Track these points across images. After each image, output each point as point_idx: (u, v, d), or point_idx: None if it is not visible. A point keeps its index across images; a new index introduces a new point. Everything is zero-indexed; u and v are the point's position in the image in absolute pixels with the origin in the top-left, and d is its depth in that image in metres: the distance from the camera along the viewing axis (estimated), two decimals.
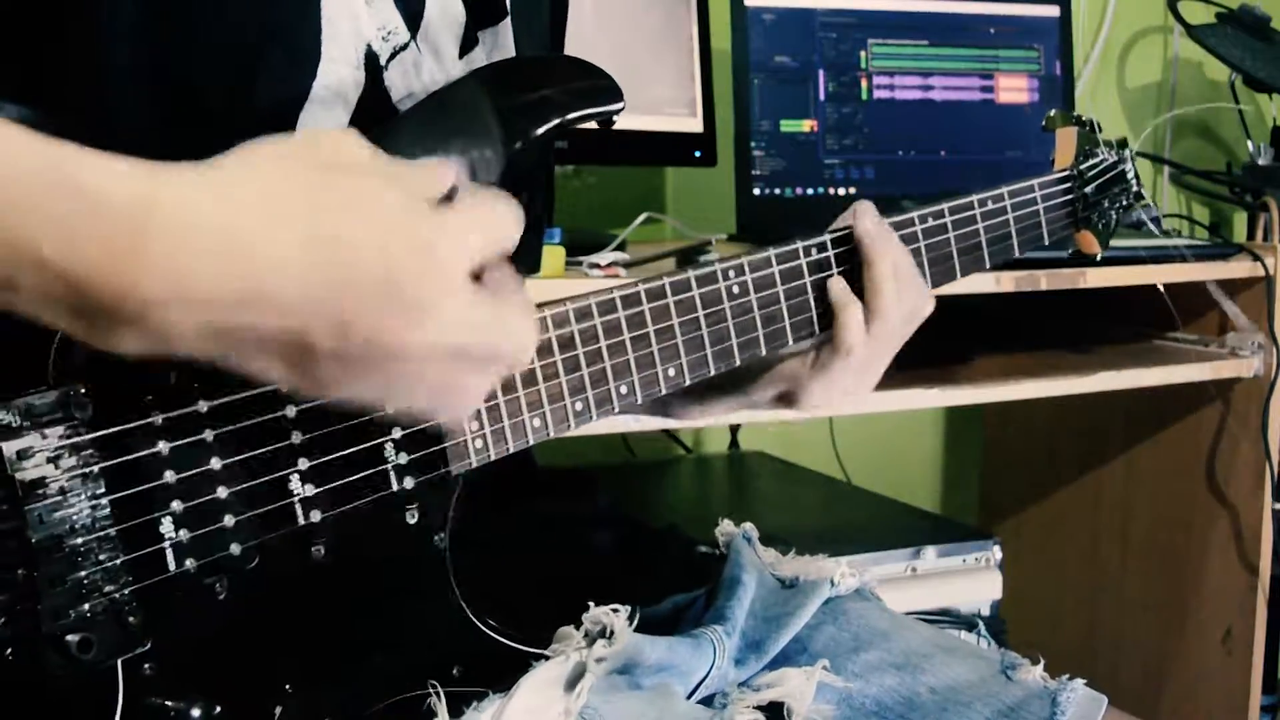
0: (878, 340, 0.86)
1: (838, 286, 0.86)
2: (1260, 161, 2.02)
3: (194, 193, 0.54)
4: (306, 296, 0.55)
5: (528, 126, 0.75)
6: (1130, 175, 1.06)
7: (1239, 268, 1.64)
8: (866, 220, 0.86)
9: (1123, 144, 1.07)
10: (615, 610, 0.77)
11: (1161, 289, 1.61)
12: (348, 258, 0.55)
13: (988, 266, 0.95)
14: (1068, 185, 1.01)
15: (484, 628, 0.74)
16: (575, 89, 0.78)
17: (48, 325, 0.54)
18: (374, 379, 0.58)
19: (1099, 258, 1.05)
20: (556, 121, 0.76)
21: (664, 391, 0.79)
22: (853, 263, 0.86)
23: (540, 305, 0.74)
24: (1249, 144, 2.06)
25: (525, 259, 0.95)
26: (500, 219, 0.61)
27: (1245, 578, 1.74)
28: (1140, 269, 1.56)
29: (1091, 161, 1.04)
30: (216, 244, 0.54)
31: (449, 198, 0.60)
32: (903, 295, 0.86)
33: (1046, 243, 1.01)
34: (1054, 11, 1.88)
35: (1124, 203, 1.06)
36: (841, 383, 0.88)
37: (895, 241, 0.87)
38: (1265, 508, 1.70)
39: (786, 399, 0.90)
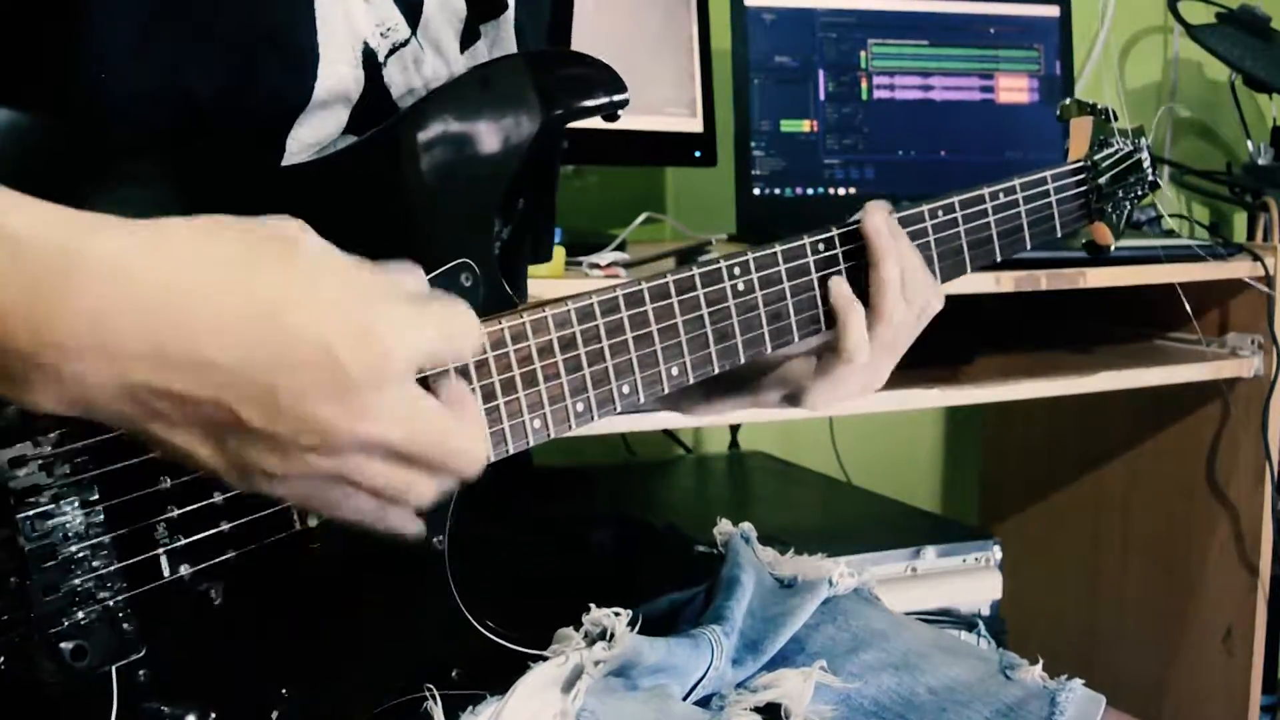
0: (883, 342, 0.85)
1: (840, 289, 0.85)
2: (1260, 161, 2.02)
3: (128, 245, 0.53)
4: (239, 364, 0.54)
5: (568, 100, 0.76)
6: (1146, 164, 1.04)
7: (1239, 268, 1.64)
8: (876, 217, 0.85)
9: (1139, 132, 1.05)
10: (617, 614, 0.77)
11: (1179, 289, 1.61)
12: (286, 331, 0.54)
13: (998, 260, 0.94)
14: (1082, 176, 1.00)
15: (482, 629, 0.74)
16: (601, 79, 0.79)
17: None
18: (305, 472, 0.57)
19: (1112, 249, 1.04)
20: (607, 100, 0.77)
21: (666, 391, 0.79)
22: (859, 260, 0.85)
23: (542, 304, 0.74)
24: (1249, 144, 2.06)
25: (539, 252, 0.95)
26: (460, 325, 0.60)
27: (1245, 578, 1.74)
28: (1140, 269, 1.56)
29: (1107, 151, 1.02)
30: (146, 299, 0.53)
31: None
32: (910, 295, 0.85)
33: (1059, 234, 0.99)
34: (1054, 11, 1.88)
35: (1139, 192, 1.04)
36: (846, 386, 0.87)
37: (904, 241, 0.86)
38: (1265, 508, 1.70)
39: (792, 399, 0.90)
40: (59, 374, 0.53)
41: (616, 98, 0.78)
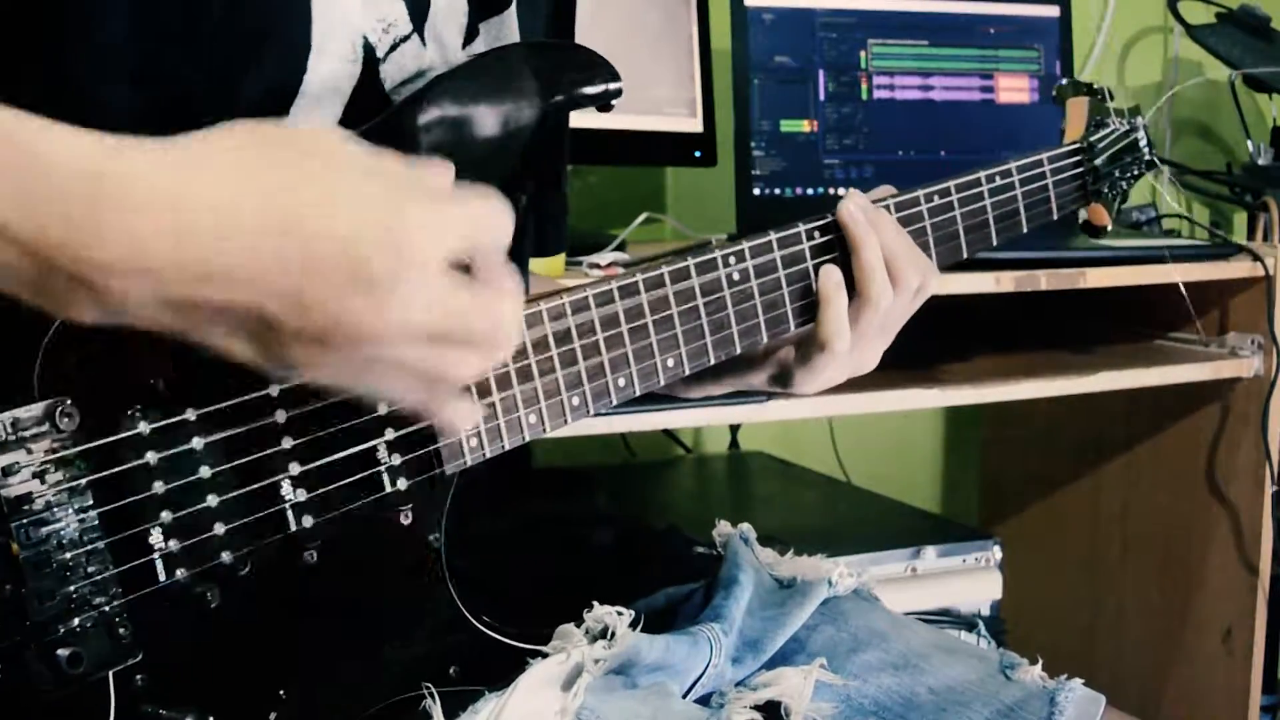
0: (870, 327, 0.85)
1: (828, 275, 0.84)
2: (1260, 161, 2.02)
3: (149, 167, 0.55)
4: (265, 272, 0.55)
5: (568, 86, 0.76)
6: (1143, 143, 1.04)
7: (1239, 268, 1.64)
8: (850, 204, 0.85)
9: (1135, 111, 1.05)
10: (620, 613, 0.76)
11: (1182, 287, 1.61)
12: (307, 234, 0.55)
13: (995, 244, 0.94)
14: (1078, 158, 1.00)
15: (480, 625, 0.74)
16: (598, 71, 0.78)
17: (9, 294, 0.54)
18: (345, 361, 0.58)
19: (1109, 229, 1.04)
20: (603, 88, 0.77)
21: (662, 383, 0.79)
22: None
23: (536, 299, 0.74)
24: (1249, 144, 2.06)
25: (550, 244, 0.95)
26: (489, 216, 0.60)
27: (1245, 578, 1.74)
28: (1140, 269, 1.56)
29: (1103, 132, 1.02)
30: (169, 217, 0.54)
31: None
32: (898, 278, 0.84)
33: (1055, 216, 0.99)
34: (1054, 11, 1.88)
35: (1136, 171, 1.04)
36: (827, 373, 0.87)
37: (886, 224, 0.86)
38: (1265, 508, 1.70)
39: (779, 380, 0.90)
40: (99, 291, 0.54)
41: (611, 86, 0.78)
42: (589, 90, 0.78)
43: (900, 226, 0.87)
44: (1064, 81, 1.05)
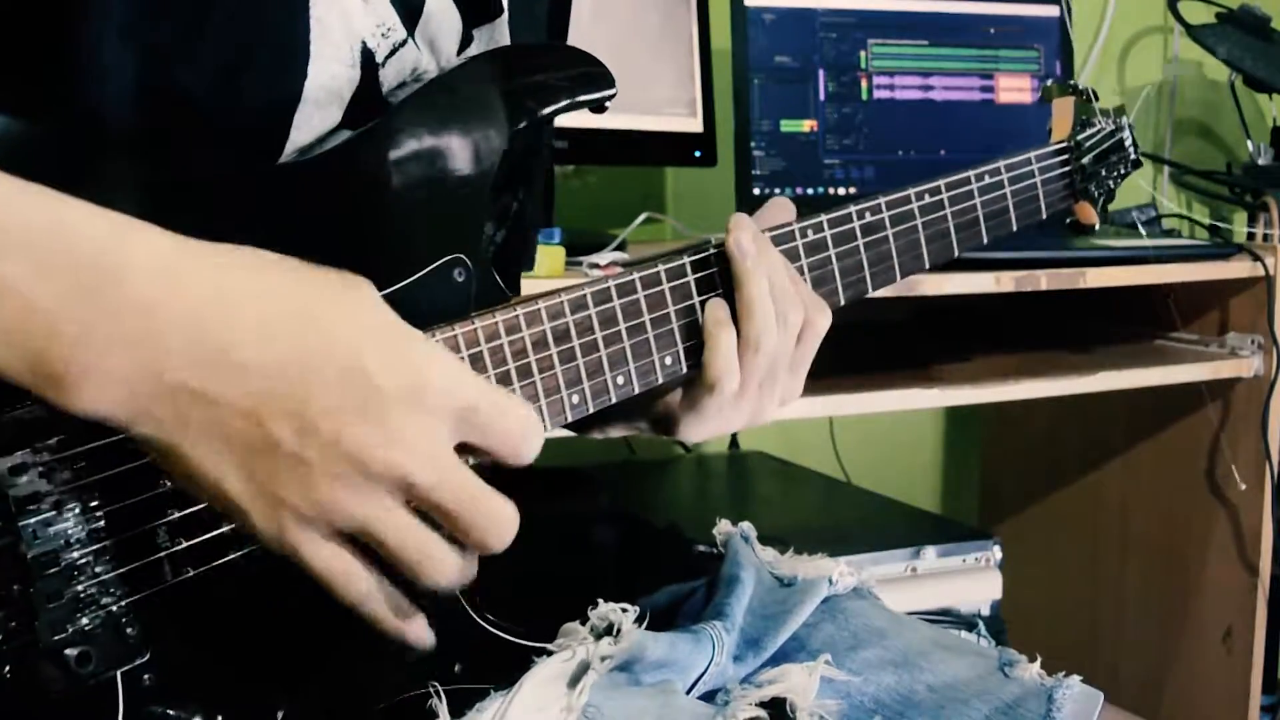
0: (757, 370, 0.78)
1: (711, 311, 0.78)
2: (1260, 161, 2.02)
3: (178, 246, 0.54)
4: (274, 368, 0.54)
5: (534, 107, 0.75)
6: (1129, 143, 1.05)
7: (1239, 268, 1.64)
8: (738, 233, 0.77)
9: (1120, 111, 1.06)
10: (625, 610, 0.76)
11: (1169, 294, 1.61)
12: (324, 339, 0.55)
13: (985, 242, 0.94)
14: (1065, 157, 1.01)
15: (483, 623, 0.74)
16: (576, 74, 0.77)
17: (3, 377, 0.54)
18: (332, 510, 0.57)
19: (1096, 227, 1.05)
20: (565, 103, 0.76)
21: (660, 380, 0.79)
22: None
23: (534, 298, 0.74)
24: (1249, 144, 2.06)
25: (526, 259, 0.95)
26: (506, 407, 0.60)
27: (1245, 578, 1.74)
28: (1140, 269, 1.57)
29: (1089, 131, 1.03)
30: (192, 298, 0.53)
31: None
32: (786, 315, 0.78)
33: (1044, 216, 1.00)
34: (1054, 11, 1.88)
35: (1122, 170, 1.05)
36: (717, 420, 0.80)
37: (772, 256, 0.79)
38: (1265, 508, 1.70)
39: (661, 426, 0.84)
40: (101, 369, 0.53)
41: (606, 92, 0.77)
42: (593, 95, 0.77)
43: (787, 261, 0.81)
44: (1050, 82, 1.07)
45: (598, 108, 0.77)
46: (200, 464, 0.57)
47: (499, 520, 0.61)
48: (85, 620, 0.62)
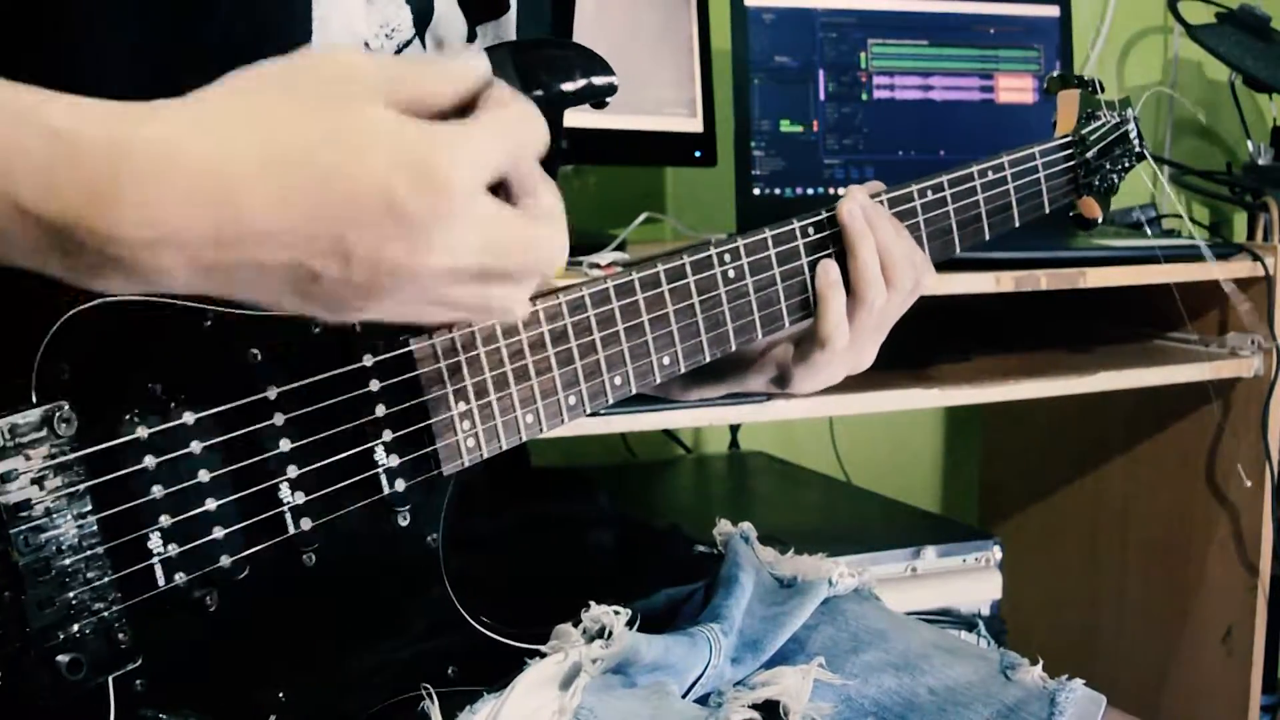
0: (865, 326, 0.86)
1: (826, 273, 0.85)
2: (1260, 161, 2.02)
3: (172, 132, 0.53)
4: (302, 227, 0.54)
5: (550, 80, 0.74)
6: (1133, 135, 1.04)
7: (1239, 268, 1.64)
8: (851, 202, 0.85)
9: (1125, 103, 1.05)
10: (617, 612, 0.76)
11: (1178, 289, 1.61)
12: (343, 189, 0.54)
13: (987, 238, 0.94)
14: (1069, 151, 1.00)
15: (478, 626, 0.74)
16: (587, 63, 0.77)
17: (41, 272, 0.54)
18: (392, 301, 0.57)
19: (1100, 221, 1.04)
20: (583, 83, 0.75)
21: (658, 381, 0.79)
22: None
23: (532, 299, 0.74)
24: (1249, 144, 2.06)
25: None
26: (521, 124, 0.59)
27: (1245, 578, 1.74)
28: (1140, 269, 1.56)
29: (1094, 125, 1.02)
30: (196, 184, 0.52)
31: (470, 105, 0.58)
32: (892, 277, 0.85)
33: (1047, 210, 0.99)
34: (1054, 11, 1.88)
35: (1126, 164, 1.04)
36: (826, 371, 0.88)
37: (884, 222, 0.86)
38: (1265, 508, 1.70)
39: (779, 382, 0.91)
40: (131, 265, 0.53)
41: (605, 81, 0.76)
42: (604, 80, 0.77)
43: (899, 224, 0.87)
44: (1054, 74, 1.05)
45: (599, 103, 0.77)
46: (252, 299, 0.57)
47: (549, 254, 0.60)
48: (77, 626, 0.62)
